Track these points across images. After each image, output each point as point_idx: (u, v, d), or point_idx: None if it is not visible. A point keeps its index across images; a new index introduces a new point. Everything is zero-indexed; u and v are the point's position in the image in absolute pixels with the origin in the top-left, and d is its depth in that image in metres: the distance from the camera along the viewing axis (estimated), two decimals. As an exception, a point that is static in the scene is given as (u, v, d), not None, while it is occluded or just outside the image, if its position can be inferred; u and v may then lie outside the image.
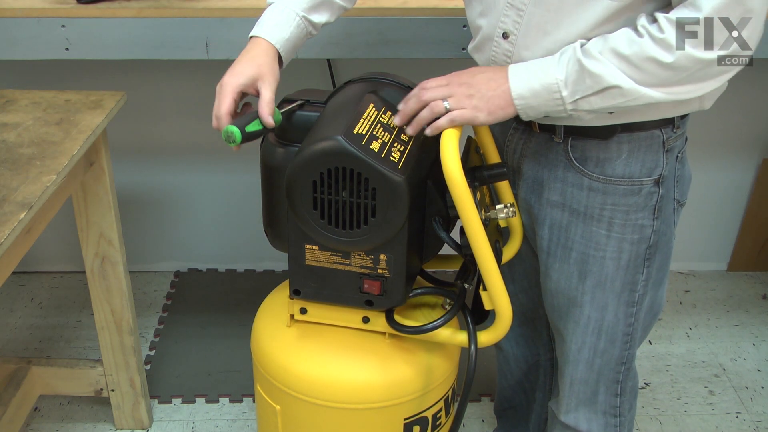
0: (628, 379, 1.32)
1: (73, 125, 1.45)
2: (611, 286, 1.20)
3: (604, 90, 0.99)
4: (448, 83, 1.06)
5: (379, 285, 1.15)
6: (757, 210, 2.45)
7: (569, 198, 1.18)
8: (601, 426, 1.35)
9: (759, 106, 2.30)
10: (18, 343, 2.19)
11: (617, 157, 1.13)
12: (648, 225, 1.17)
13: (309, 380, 1.21)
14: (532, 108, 1.03)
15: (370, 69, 1.27)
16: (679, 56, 0.95)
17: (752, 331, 2.31)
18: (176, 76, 2.17)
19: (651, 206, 1.16)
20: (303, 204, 1.10)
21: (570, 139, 1.15)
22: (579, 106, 1.01)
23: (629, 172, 1.13)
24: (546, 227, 1.22)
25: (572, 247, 1.20)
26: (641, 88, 0.98)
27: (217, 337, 2.21)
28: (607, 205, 1.15)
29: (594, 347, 1.26)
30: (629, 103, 0.99)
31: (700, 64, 0.96)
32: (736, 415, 2.01)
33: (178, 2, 1.59)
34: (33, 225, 1.29)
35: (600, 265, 1.19)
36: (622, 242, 1.17)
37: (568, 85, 1.00)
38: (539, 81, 1.02)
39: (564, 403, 1.34)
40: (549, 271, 1.25)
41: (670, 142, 1.14)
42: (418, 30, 1.60)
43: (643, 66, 0.96)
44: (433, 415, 1.28)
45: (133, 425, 1.90)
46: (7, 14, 1.57)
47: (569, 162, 1.16)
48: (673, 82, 0.98)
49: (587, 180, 1.15)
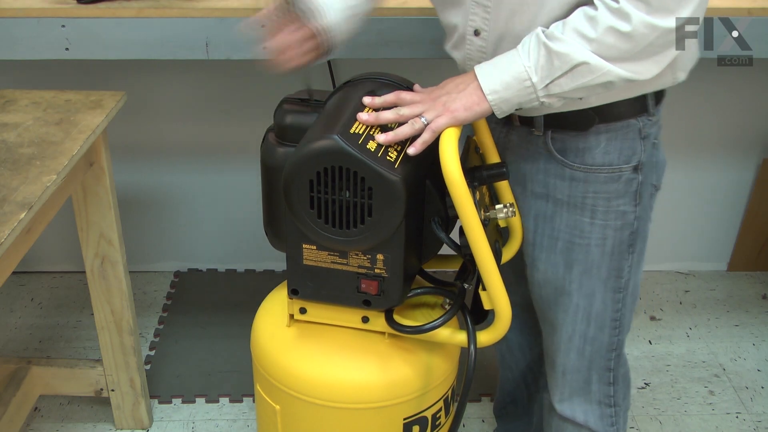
0: (619, 366, 1.34)
1: (73, 125, 1.45)
2: (597, 273, 1.23)
3: (573, 69, 1.00)
4: (422, 99, 1.08)
5: (377, 285, 1.15)
6: (757, 210, 2.45)
7: (552, 189, 1.20)
8: (597, 416, 1.36)
9: (759, 106, 2.30)
10: (18, 343, 2.19)
11: (596, 146, 1.16)
12: (630, 211, 1.20)
13: (309, 380, 1.21)
14: (506, 101, 1.05)
15: (370, 69, 1.27)
16: (637, 24, 0.97)
17: (752, 331, 2.31)
18: (176, 76, 2.17)
19: (632, 192, 1.19)
20: (300, 203, 1.10)
21: (550, 132, 1.18)
22: (550, 91, 1.03)
23: (608, 160, 1.16)
24: (531, 219, 1.25)
25: (558, 236, 1.23)
26: (606, 63, 1.00)
27: (217, 337, 2.21)
28: (589, 193, 1.18)
29: (584, 335, 1.28)
30: (597, 80, 1.01)
31: (658, 31, 0.98)
32: (736, 415, 2.01)
33: (178, 2, 1.59)
34: (33, 225, 1.29)
35: (585, 252, 1.22)
36: (605, 229, 1.20)
37: (538, 70, 1.02)
38: (508, 73, 1.03)
39: (557, 392, 1.37)
40: (536, 263, 1.27)
41: (646, 130, 1.17)
42: (418, 30, 1.60)
43: (605, 39, 0.98)
44: (433, 415, 1.28)
45: (133, 425, 1.90)
46: (7, 14, 1.57)
47: (550, 154, 1.19)
48: (634, 55, 1.00)
49: (569, 170, 1.18)
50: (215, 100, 2.22)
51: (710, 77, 2.18)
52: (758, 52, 1.59)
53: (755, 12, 1.58)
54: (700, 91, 2.22)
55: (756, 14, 1.58)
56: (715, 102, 2.28)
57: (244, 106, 2.20)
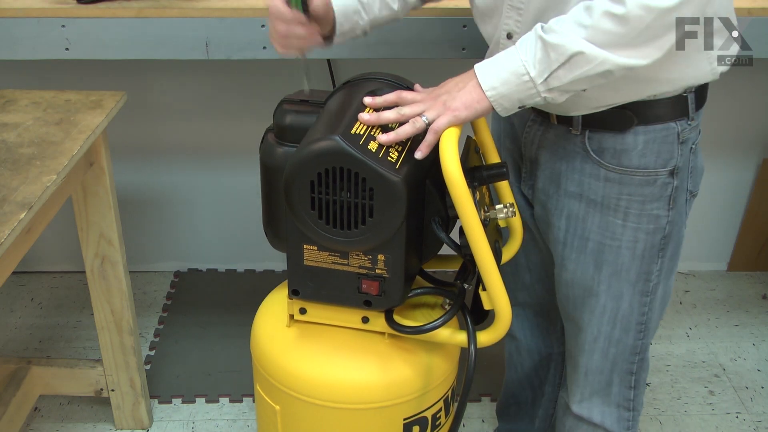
0: (642, 371, 1.34)
1: (73, 125, 1.45)
2: (626, 276, 1.23)
3: (569, 59, 0.99)
4: (422, 99, 1.08)
5: (378, 285, 1.15)
6: (757, 210, 2.45)
7: (586, 189, 1.20)
8: (614, 419, 1.36)
9: (759, 106, 2.30)
10: (18, 343, 2.19)
11: (633, 148, 1.15)
12: (663, 215, 1.19)
13: (309, 380, 1.21)
14: (505, 97, 1.04)
15: (370, 69, 1.27)
16: (632, 6, 0.95)
17: (752, 331, 2.31)
18: (176, 76, 2.17)
19: (666, 197, 1.18)
20: (301, 204, 1.10)
21: (587, 132, 1.17)
22: (550, 84, 1.02)
23: (645, 163, 1.15)
24: (563, 218, 1.24)
25: (589, 237, 1.22)
26: (602, 51, 0.98)
27: (217, 337, 2.21)
28: (623, 195, 1.17)
29: (609, 336, 1.28)
30: (594, 69, 0.99)
31: (654, 12, 0.95)
32: (736, 415, 2.01)
33: (178, 2, 1.59)
34: (33, 225, 1.29)
35: (616, 254, 1.21)
36: (637, 232, 1.19)
37: (535, 64, 1.01)
38: (505, 69, 1.03)
39: (578, 392, 1.36)
40: (565, 262, 1.27)
41: (685, 134, 1.16)
42: (418, 30, 1.60)
43: (600, 24, 0.97)
44: (433, 415, 1.28)
45: (133, 425, 1.90)
46: (7, 14, 1.57)
47: (587, 154, 1.18)
48: (631, 40, 0.98)
49: (604, 171, 1.17)
50: (215, 100, 2.22)
51: (710, 77, 2.18)
52: (758, 52, 1.59)
53: (755, 12, 1.57)
54: (700, 91, 2.21)
55: (756, 14, 1.58)
56: (715, 102, 2.27)
57: (244, 106, 2.20)
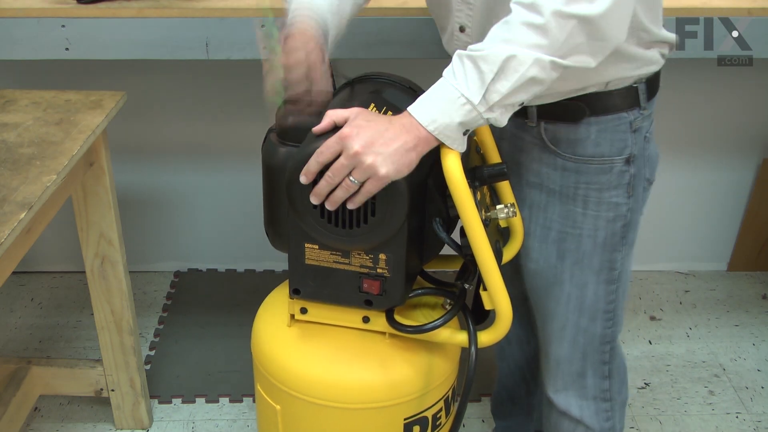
0: (614, 359, 1.35)
1: (73, 125, 1.45)
2: (589, 264, 1.25)
3: (503, 66, 0.94)
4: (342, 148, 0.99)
5: (379, 285, 1.15)
6: (757, 210, 2.45)
7: (545, 178, 1.22)
8: (592, 412, 1.37)
9: (759, 106, 2.30)
10: (18, 343, 2.19)
11: (587, 138, 1.17)
12: (623, 203, 1.21)
13: (309, 380, 1.21)
14: (448, 126, 0.98)
15: (370, 69, 1.27)
16: (548, 16, 0.92)
17: (752, 331, 2.31)
18: (176, 76, 2.17)
19: (624, 185, 1.20)
20: (303, 202, 1.10)
21: (543, 123, 1.19)
22: (489, 101, 0.96)
23: (599, 152, 1.18)
24: (526, 208, 1.27)
25: (551, 226, 1.24)
26: (530, 50, 0.94)
27: (217, 337, 2.21)
28: (581, 183, 1.20)
29: (576, 324, 1.30)
30: (530, 71, 0.95)
31: (574, 20, 0.93)
32: (736, 415, 2.01)
33: (178, 2, 1.59)
34: (33, 225, 1.29)
35: (577, 242, 1.23)
36: (597, 220, 1.21)
37: (468, 84, 0.96)
38: (439, 98, 0.98)
39: (552, 382, 1.38)
40: (529, 252, 1.29)
41: (637, 123, 1.18)
42: (418, 30, 1.60)
43: (520, 37, 0.94)
44: (433, 415, 1.28)
45: (133, 425, 1.90)
46: (7, 14, 1.57)
47: (543, 144, 1.20)
48: (557, 50, 0.94)
49: (561, 160, 1.20)
50: (215, 100, 2.22)
51: (710, 77, 2.18)
52: (758, 52, 1.59)
53: (755, 12, 1.58)
54: (700, 91, 2.22)
55: (756, 14, 1.58)
56: (715, 102, 2.28)
57: (244, 106, 2.20)
